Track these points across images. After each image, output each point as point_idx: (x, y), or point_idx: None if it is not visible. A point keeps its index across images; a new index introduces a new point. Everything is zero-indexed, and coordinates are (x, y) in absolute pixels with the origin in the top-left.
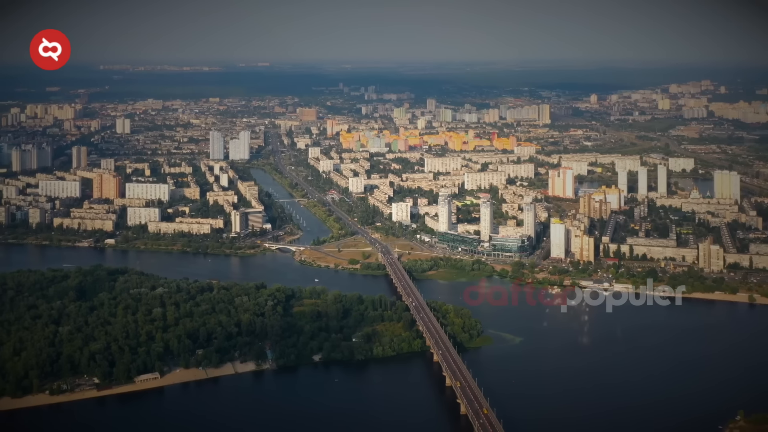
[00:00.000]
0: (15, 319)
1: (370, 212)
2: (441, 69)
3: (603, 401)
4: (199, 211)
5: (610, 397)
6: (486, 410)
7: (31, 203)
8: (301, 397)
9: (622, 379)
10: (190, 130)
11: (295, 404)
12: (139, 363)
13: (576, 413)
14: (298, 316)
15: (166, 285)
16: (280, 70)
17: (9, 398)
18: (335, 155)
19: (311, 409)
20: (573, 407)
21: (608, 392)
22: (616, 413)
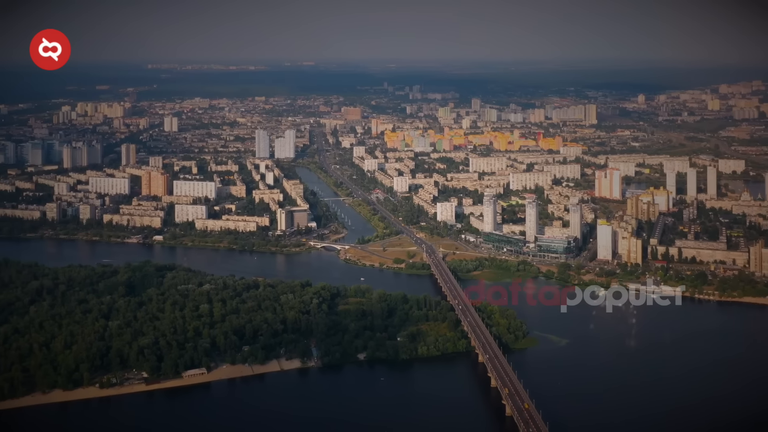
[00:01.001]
0: (66, 313)
1: (414, 212)
2: (486, 68)
3: (652, 406)
4: (245, 209)
5: (659, 402)
6: (527, 405)
7: (81, 200)
8: (346, 396)
9: (671, 384)
10: (237, 128)
11: (340, 402)
12: (187, 358)
13: (624, 417)
14: (343, 314)
15: (212, 282)
16: (325, 70)
17: (61, 390)
18: (380, 154)
19: (357, 408)
20: (620, 411)
21: (657, 397)
22: (667, 417)
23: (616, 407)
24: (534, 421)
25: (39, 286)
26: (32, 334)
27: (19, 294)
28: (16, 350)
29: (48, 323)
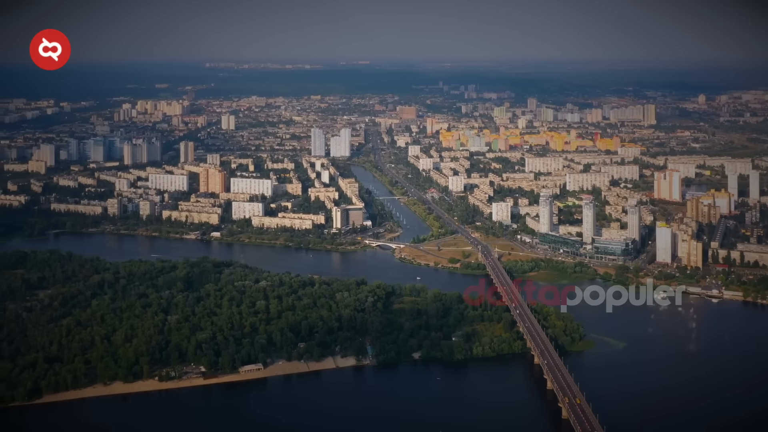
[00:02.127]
0: (126, 307)
1: (470, 211)
2: (542, 68)
3: (715, 414)
4: (301, 207)
5: (724, 410)
6: (579, 400)
7: (141, 196)
8: (401, 394)
9: (733, 390)
10: (293, 126)
11: (396, 401)
12: (243, 354)
13: (683, 424)
14: (398, 313)
15: (269, 278)
16: (380, 69)
17: (121, 383)
18: (435, 153)
19: (412, 407)
20: (680, 418)
21: (722, 405)
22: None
23: (676, 413)
24: (591, 424)
25: (101, 280)
26: (94, 327)
27: (81, 287)
28: (78, 342)
29: (109, 316)
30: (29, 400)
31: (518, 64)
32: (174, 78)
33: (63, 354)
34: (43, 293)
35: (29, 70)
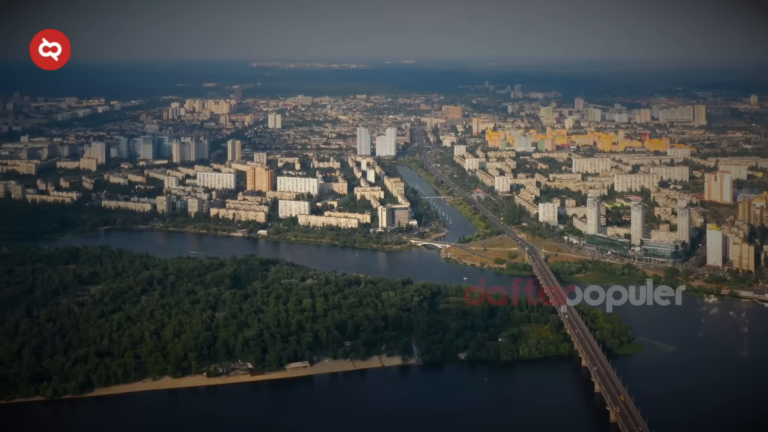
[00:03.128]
0: (175, 303)
1: (516, 212)
2: (589, 67)
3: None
4: (347, 206)
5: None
6: (623, 397)
7: (189, 193)
8: (448, 395)
9: None
10: (338, 126)
11: (442, 401)
12: (290, 351)
13: None
14: (444, 313)
15: (315, 277)
16: (426, 68)
17: (170, 377)
18: (481, 153)
19: (458, 407)
20: (732, 425)
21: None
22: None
23: (727, 421)
24: (640, 428)
25: (150, 276)
26: (143, 323)
27: (131, 283)
28: (128, 337)
29: (158, 312)
30: (81, 393)
31: (565, 64)
32: (221, 77)
33: (113, 348)
34: (95, 288)
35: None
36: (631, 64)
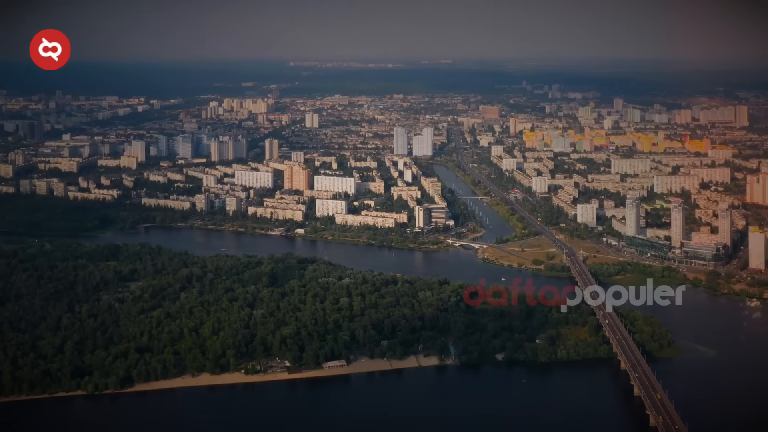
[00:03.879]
0: (214, 300)
1: (554, 213)
2: (628, 67)
3: None
4: (384, 205)
5: None
6: (659, 396)
7: (228, 192)
8: (485, 396)
9: None
10: (375, 125)
11: (480, 402)
12: (327, 350)
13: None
14: (481, 313)
15: (352, 276)
16: (463, 68)
17: (209, 374)
18: (518, 154)
19: (496, 409)
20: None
21: None
22: None
23: None
24: None
25: (189, 274)
26: (183, 319)
27: (170, 280)
28: (168, 333)
29: (197, 309)
30: (121, 388)
31: (604, 64)
32: (259, 77)
33: (153, 344)
34: (135, 285)
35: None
36: (671, 64)
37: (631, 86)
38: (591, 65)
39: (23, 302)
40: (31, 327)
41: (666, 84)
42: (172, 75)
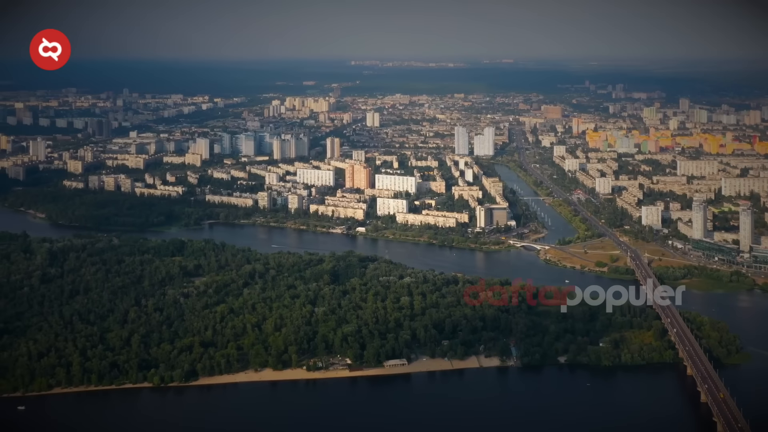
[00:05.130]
0: (276, 297)
1: (617, 214)
2: (695, 67)
3: None
4: (445, 205)
5: None
6: (722, 395)
7: (290, 190)
8: (548, 398)
9: None
10: (436, 125)
11: (543, 405)
12: (388, 348)
13: None
14: (543, 315)
15: (413, 275)
16: (525, 67)
17: (271, 370)
18: (581, 154)
19: (559, 412)
20: None
21: None
22: None
23: None
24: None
25: (252, 270)
26: (245, 315)
27: (234, 276)
28: (231, 329)
29: (260, 305)
30: (186, 382)
31: (669, 63)
32: (321, 75)
33: (217, 339)
34: (199, 280)
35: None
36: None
37: (698, 86)
38: (656, 65)
39: (92, 295)
40: (99, 319)
41: (734, 84)
42: (236, 74)
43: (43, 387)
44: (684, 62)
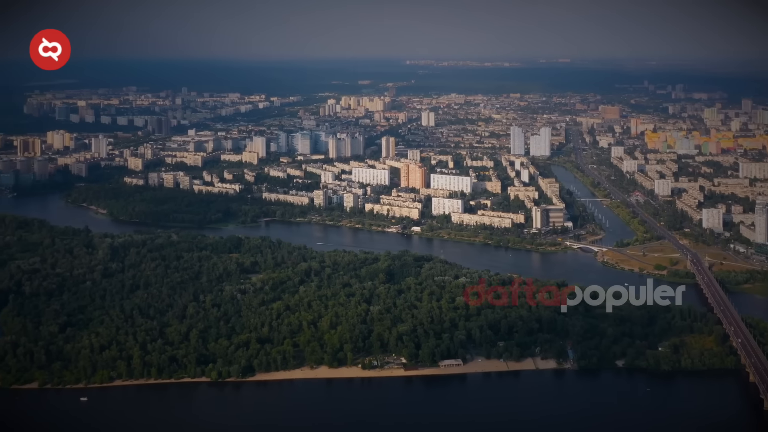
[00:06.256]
0: (332, 295)
1: (677, 217)
2: (758, 66)
3: None
4: (501, 205)
5: None
6: None
7: (345, 188)
8: (607, 402)
9: None
10: (492, 124)
11: (602, 408)
12: (443, 348)
13: None
14: (601, 318)
15: (468, 275)
16: (581, 67)
17: (326, 367)
18: (639, 155)
19: (618, 415)
20: None
21: None
22: None
23: None
24: None
25: (307, 268)
26: (301, 312)
27: (290, 274)
28: (287, 326)
29: (315, 303)
30: (243, 377)
31: (732, 63)
32: (376, 75)
33: (273, 336)
34: (256, 277)
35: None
36: None
37: (761, 87)
38: (717, 65)
39: (152, 290)
40: (159, 314)
41: None
42: (292, 73)
43: (104, 379)
44: (746, 62)
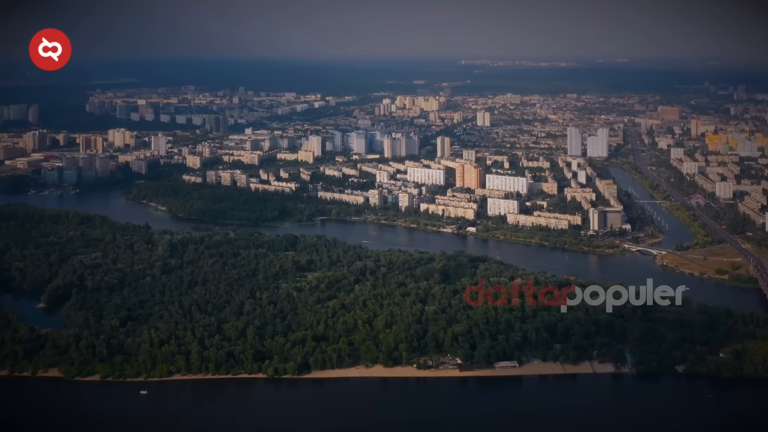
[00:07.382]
0: (387, 294)
1: (739, 220)
2: None
3: None
4: (557, 207)
5: None
6: None
7: (400, 188)
8: (669, 408)
9: None
10: (548, 125)
11: (662, 414)
12: (499, 349)
13: None
14: (660, 322)
15: (524, 276)
16: (640, 67)
17: (382, 366)
18: (700, 157)
19: (680, 422)
20: None
21: None
22: None
23: None
24: None
25: (363, 267)
26: (357, 311)
27: (345, 272)
28: (342, 324)
29: (371, 302)
30: (299, 374)
31: None
32: (431, 74)
33: (329, 334)
34: (311, 275)
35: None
36: None
37: None
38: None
39: (210, 286)
40: (216, 310)
41: None
42: (348, 73)
43: (163, 373)
44: None
